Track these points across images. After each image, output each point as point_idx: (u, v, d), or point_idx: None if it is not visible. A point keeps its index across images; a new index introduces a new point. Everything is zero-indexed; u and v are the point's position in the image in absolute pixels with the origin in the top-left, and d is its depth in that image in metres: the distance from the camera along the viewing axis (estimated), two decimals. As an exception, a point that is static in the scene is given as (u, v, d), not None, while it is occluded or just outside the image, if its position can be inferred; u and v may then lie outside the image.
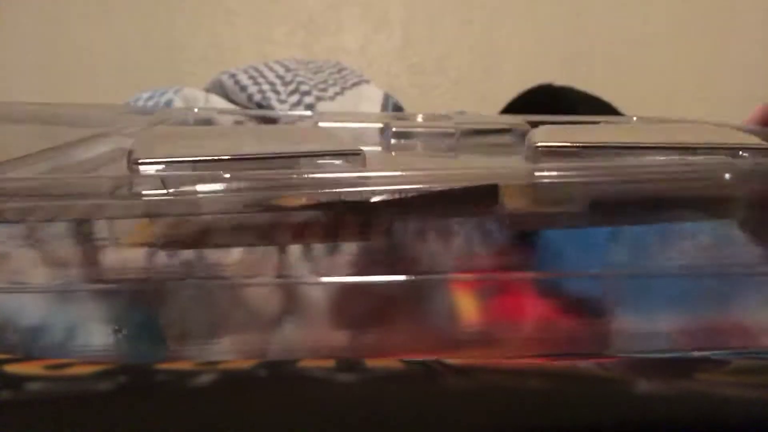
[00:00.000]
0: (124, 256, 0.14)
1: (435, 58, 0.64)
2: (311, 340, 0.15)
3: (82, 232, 0.14)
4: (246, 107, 0.33)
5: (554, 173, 0.15)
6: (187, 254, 0.15)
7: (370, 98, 0.36)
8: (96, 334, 0.15)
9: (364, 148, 0.15)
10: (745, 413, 0.15)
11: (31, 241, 0.13)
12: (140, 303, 0.15)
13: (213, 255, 0.15)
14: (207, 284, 0.15)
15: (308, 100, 0.32)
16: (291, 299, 0.15)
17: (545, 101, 0.45)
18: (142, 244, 0.14)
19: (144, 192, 0.13)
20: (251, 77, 0.34)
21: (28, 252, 0.13)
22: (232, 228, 0.14)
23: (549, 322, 0.16)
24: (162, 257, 0.14)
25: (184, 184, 0.13)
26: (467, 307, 0.16)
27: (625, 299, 0.16)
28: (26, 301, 0.15)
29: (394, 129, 0.24)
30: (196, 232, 0.14)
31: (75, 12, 0.60)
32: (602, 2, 0.67)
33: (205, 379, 0.14)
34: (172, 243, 0.14)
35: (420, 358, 0.15)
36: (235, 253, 0.15)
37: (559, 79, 0.66)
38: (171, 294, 0.15)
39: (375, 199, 0.14)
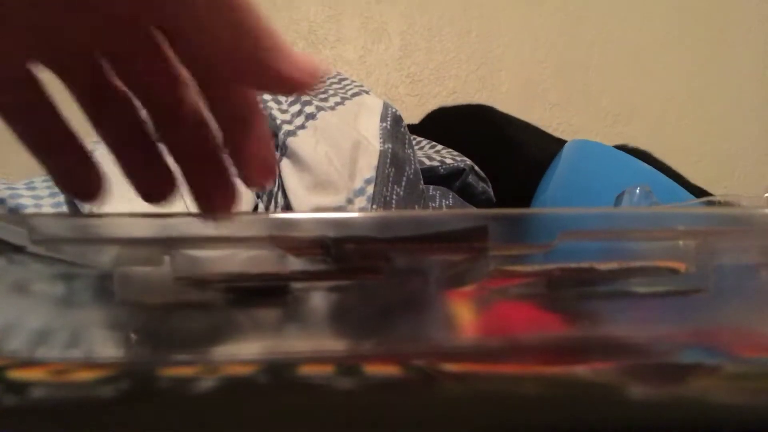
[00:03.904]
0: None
1: (433, 67, 0.65)
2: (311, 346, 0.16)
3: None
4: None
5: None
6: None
7: (370, 108, 0.36)
8: (102, 341, 0.15)
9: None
10: (736, 419, 0.15)
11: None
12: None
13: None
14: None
15: (309, 109, 0.32)
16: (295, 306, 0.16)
17: (473, 121, 0.45)
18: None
19: None
20: (252, 87, 0.34)
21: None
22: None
23: (544, 330, 0.16)
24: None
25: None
26: (464, 315, 0.16)
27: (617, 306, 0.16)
28: (30, 306, 0.15)
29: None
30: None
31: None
32: (598, 13, 0.68)
33: (205, 384, 0.15)
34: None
35: (418, 364, 0.15)
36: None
37: (556, 88, 0.67)
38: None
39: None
